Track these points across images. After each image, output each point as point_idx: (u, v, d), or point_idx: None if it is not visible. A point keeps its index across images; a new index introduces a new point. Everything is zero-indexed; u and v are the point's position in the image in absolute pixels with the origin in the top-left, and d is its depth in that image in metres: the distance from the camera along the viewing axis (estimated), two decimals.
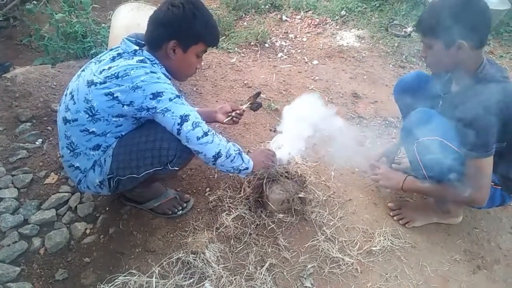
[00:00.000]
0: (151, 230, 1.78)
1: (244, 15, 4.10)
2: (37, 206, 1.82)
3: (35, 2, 3.18)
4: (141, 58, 1.46)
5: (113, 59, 1.47)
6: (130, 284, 1.52)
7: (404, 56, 3.58)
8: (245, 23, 3.97)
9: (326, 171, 2.18)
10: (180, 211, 1.85)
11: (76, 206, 1.84)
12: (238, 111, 1.96)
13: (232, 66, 3.20)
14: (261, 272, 1.60)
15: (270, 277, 1.60)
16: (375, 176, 1.89)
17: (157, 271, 1.57)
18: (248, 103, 2.01)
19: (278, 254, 1.71)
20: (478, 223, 1.95)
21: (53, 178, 1.96)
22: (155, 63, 1.50)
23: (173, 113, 1.43)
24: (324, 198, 1.96)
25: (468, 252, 1.80)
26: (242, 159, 1.64)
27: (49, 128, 2.27)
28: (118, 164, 1.52)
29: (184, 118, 1.44)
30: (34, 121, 2.30)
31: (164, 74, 1.51)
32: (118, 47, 1.52)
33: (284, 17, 4.11)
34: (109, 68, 1.42)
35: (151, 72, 1.41)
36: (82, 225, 1.78)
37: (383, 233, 1.82)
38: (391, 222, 1.90)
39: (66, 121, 1.52)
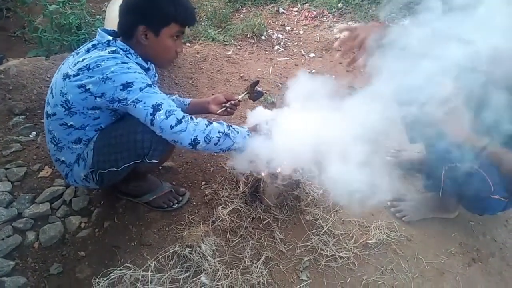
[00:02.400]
0: (146, 223, 1.78)
1: (240, 7, 4.06)
2: (31, 200, 1.81)
3: None
4: (114, 48, 1.43)
5: (88, 50, 1.45)
6: (126, 278, 1.51)
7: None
8: (241, 16, 3.93)
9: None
10: (176, 205, 1.84)
11: (70, 200, 1.83)
12: (232, 102, 1.85)
13: (228, 59, 3.17)
14: (257, 265, 1.60)
15: (266, 270, 1.60)
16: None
17: (152, 265, 1.56)
18: (245, 92, 1.91)
19: (274, 247, 1.71)
20: (473, 216, 1.94)
21: (47, 172, 1.94)
22: (129, 53, 1.47)
23: (144, 103, 1.38)
24: (320, 191, 1.96)
25: (464, 245, 1.80)
26: (232, 139, 1.55)
27: (42, 121, 2.22)
28: (98, 157, 1.51)
29: (156, 108, 1.39)
30: (28, 114, 2.27)
31: (140, 64, 1.48)
32: (95, 38, 1.49)
33: (281, 10, 4.08)
34: (83, 60, 1.39)
35: (122, 62, 1.38)
36: (77, 218, 1.77)
37: (379, 226, 1.82)
38: (386, 215, 1.90)
39: (47, 115, 1.51)
